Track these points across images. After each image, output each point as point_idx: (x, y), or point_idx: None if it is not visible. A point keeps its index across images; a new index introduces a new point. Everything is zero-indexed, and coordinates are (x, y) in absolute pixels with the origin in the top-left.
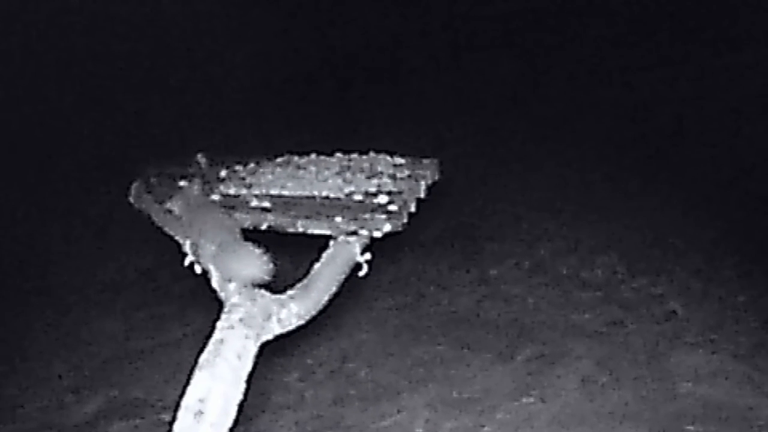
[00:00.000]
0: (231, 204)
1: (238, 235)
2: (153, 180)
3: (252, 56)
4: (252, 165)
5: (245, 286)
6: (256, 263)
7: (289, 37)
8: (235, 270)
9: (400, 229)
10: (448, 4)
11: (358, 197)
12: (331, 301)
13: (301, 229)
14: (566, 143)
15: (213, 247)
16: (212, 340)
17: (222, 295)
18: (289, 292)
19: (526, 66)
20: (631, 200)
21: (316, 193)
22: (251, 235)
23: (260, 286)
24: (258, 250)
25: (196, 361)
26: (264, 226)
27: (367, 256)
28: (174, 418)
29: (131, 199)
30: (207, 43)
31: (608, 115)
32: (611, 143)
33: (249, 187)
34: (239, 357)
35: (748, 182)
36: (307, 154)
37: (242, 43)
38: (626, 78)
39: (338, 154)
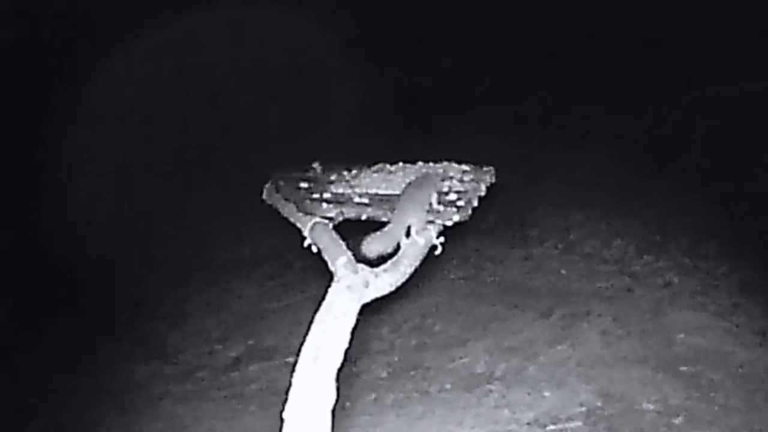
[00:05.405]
0: (339, 200)
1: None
2: (280, 182)
3: (353, 89)
4: (354, 171)
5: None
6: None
7: (374, 77)
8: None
9: (466, 219)
10: (486, 51)
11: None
12: (414, 273)
13: None
14: (592, 157)
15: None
16: (325, 303)
17: (332, 268)
18: (383, 267)
19: (563, 98)
20: (640, 200)
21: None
22: (356, 224)
23: (361, 261)
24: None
25: (312, 318)
26: (364, 217)
27: (441, 239)
28: (297, 361)
29: (264, 196)
30: (317, 77)
31: (623, 138)
32: (626, 159)
33: (353, 187)
34: (345, 315)
35: (725, 187)
36: (396, 163)
37: (347, 76)
38: (638, 105)
39: (419, 163)
